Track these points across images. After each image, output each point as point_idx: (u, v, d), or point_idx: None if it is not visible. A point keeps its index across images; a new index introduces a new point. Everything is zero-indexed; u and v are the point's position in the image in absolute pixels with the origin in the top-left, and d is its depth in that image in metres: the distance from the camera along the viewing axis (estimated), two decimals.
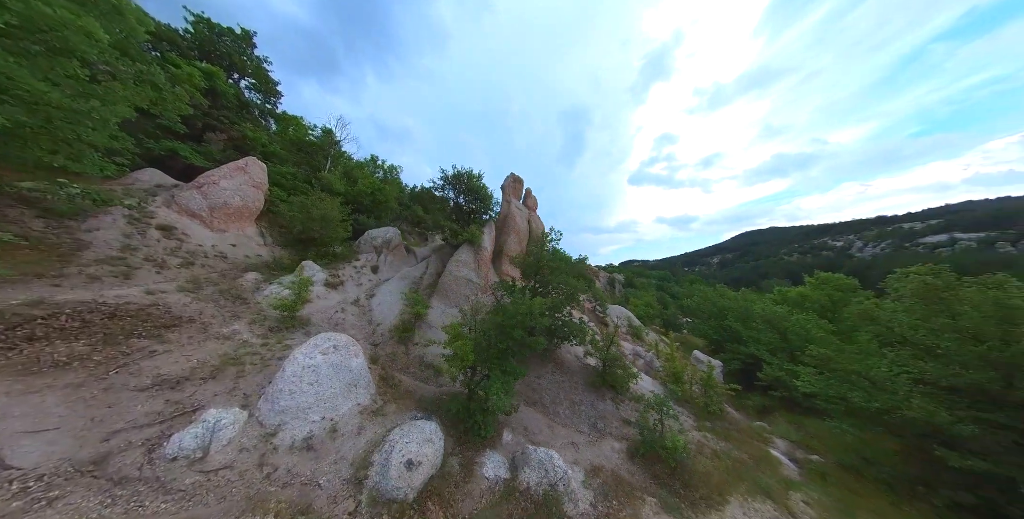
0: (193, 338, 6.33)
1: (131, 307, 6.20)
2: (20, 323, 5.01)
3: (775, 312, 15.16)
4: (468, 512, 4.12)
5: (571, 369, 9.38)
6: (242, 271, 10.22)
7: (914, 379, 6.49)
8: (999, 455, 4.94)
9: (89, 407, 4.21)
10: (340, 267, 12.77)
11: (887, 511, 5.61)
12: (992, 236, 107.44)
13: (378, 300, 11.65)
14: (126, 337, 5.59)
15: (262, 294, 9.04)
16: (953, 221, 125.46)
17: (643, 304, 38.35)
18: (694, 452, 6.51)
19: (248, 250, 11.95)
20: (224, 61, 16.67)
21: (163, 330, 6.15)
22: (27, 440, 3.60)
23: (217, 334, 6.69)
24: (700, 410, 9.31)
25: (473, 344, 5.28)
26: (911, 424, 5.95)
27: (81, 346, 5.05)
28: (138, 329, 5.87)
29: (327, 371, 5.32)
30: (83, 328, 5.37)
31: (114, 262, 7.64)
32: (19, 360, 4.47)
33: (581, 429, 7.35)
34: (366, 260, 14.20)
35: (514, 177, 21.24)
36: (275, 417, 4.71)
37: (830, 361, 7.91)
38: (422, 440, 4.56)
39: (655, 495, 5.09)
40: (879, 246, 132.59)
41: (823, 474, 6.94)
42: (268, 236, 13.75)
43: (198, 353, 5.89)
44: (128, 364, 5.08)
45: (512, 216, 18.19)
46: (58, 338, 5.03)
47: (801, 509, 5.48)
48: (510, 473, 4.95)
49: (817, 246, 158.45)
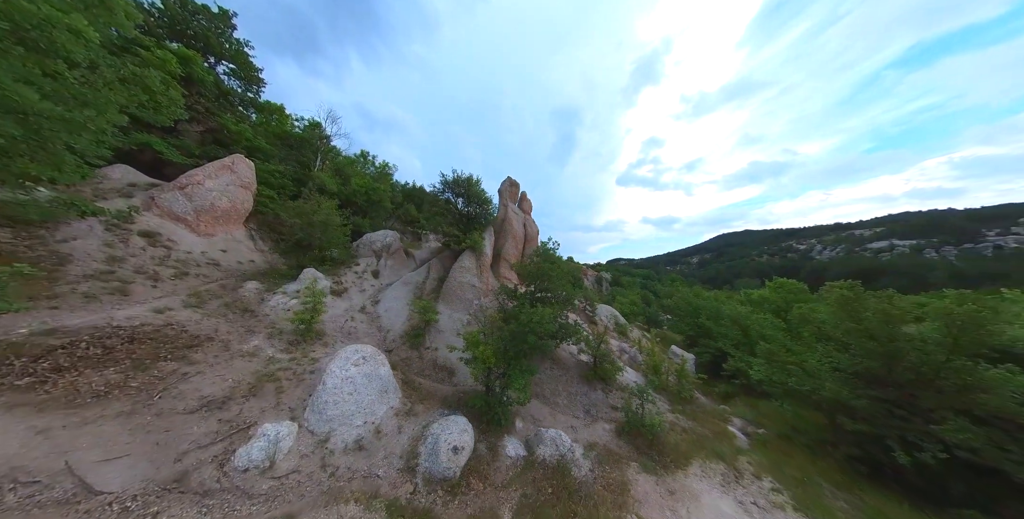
0: (219, 357, 6.50)
1: (147, 329, 6.25)
2: (41, 354, 4.96)
3: (739, 312, 17.52)
4: (501, 481, 5.42)
5: (567, 365, 10.87)
6: (240, 280, 10.03)
7: (833, 367, 8.51)
8: (877, 420, 6.92)
9: (149, 433, 4.51)
10: (342, 273, 12.80)
11: (806, 466, 7.53)
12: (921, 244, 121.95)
13: (384, 306, 12.11)
14: (153, 361, 5.67)
15: (268, 305, 9.08)
16: (893, 229, 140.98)
17: (628, 302, 40.93)
18: (667, 429, 8.20)
19: (239, 255, 11.52)
20: (199, 43, 15.03)
21: (186, 351, 6.21)
22: (106, 467, 3.91)
23: (240, 351, 6.90)
24: (674, 396, 11.13)
25: (493, 349, 6.52)
26: (827, 401, 7.92)
27: (113, 374, 5.17)
28: (162, 352, 5.92)
29: (362, 381, 6.14)
30: (107, 355, 5.43)
31: (105, 277, 7.20)
32: (58, 393, 4.63)
33: (577, 415, 8.86)
34: (366, 265, 14.32)
35: (511, 181, 22.27)
36: (324, 425, 5.42)
37: (773, 354, 9.92)
38: (459, 431, 5.73)
39: (637, 461, 6.68)
40: (836, 250, 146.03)
41: (765, 442, 8.88)
42: (259, 239, 13.19)
43: (230, 372, 6.19)
44: (168, 389, 5.33)
45: (510, 220, 19.29)
46: (86, 367, 5.07)
47: (744, 467, 7.26)
48: (527, 451, 6.32)
49: (784, 248, 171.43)
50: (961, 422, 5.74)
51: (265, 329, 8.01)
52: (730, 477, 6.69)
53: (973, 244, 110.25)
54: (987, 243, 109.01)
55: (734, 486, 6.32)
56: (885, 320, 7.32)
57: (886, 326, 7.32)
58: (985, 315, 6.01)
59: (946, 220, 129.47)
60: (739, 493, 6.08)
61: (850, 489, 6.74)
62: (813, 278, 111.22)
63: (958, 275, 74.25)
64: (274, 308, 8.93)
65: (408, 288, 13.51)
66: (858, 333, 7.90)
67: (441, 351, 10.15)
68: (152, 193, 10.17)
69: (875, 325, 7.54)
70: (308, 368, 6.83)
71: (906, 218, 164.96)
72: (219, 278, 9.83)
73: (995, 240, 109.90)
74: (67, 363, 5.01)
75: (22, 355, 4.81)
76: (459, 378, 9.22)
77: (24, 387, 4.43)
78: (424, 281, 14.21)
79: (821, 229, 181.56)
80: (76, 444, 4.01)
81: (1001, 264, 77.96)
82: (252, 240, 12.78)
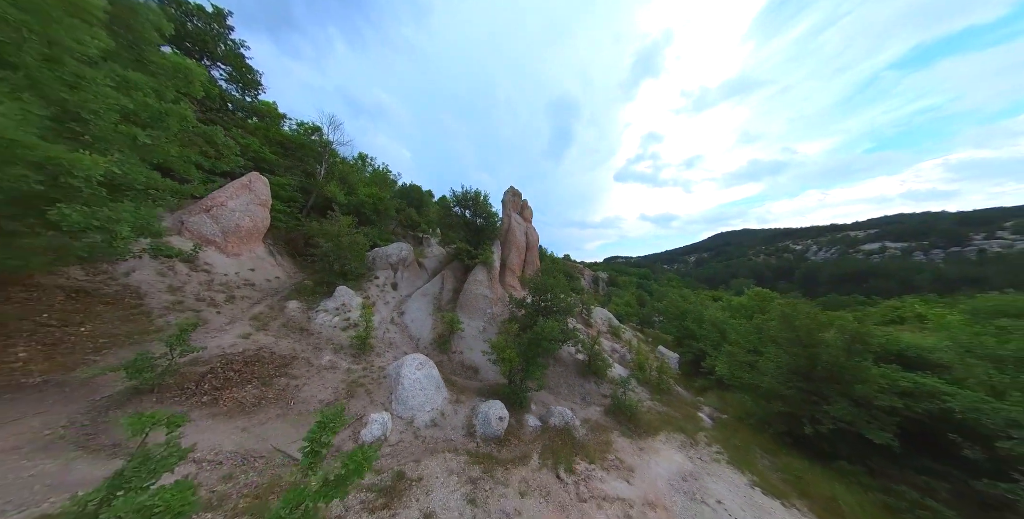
0: (309, 371, 7.98)
1: (249, 354, 7.72)
2: (199, 379, 6.51)
3: (719, 317, 20.23)
4: (528, 439, 7.94)
5: (567, 362, 13.41)
6: (280, 299, 11.08)
7: (777, 365, 11.13)
8: (798, 405, 9.57)
9: (303, 425, 6.15)
10: (365, 287, 13.86)
11: (748, 438, 10.19)
12: (911, 246, 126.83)
13: (409, 317, 13.82)
14: (270, 378, 7.28)
15: (316, 323, 10.38)
16: (886, 231, 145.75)
17: (623, 303, 43.84)
18: (644, 411, 10.80)
19: (266, 273, 12.33)
20: (195, 47, 14.65)
21: (284, 368, 7.68)
22: (293, 446, 5.59)
23: (321, 366, 8.37)
24: (655, 388, 13.77)
25: (517, 352, 9.01)
26: (767, 391, 10.57)
27: (253, 390, 6.91)
28: (270, 371, 7.44)
29: (424, 380, 8.48)
30: (240, 377, 7.01)
31: (179, 307, 8.39)
32: (232, 406, 6.43)
33: (575, 401, 11.43)
34: (385, 278, 15.33)
35: (513, 191, 24.44)
36: (408, 412, 7.72)
37: (733, 355, 12.57)
38: (499, 409, 8.17)
39: (618, 430, 9.28)
40: (830, 251, 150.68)
41: (724, 424, 11.56)
42: (276, 254, 13.81)
43: (326, 382, 7.88)
44: (294, 396, 7.08)
45: (513, 231, 21.49)
46: (232, 386, 6.68)
47: (700, 439, 9.89)
48: (542, 422, 8.85)
49: (780, 249, 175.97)
50: (844, 404, 8.39)
51: (327, 345, 9.55)
52: (687, 444, 9.31)
53: (960, 248, 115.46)
54: (973, 247, 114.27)
55: (688, 448, 8.94)
56: (809, 330, 9.94)
57: (810, 334, 9.94)
58: (867, 330, 8.63)
59: (937, 223, 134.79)
60: (690, 452, 8.69)
61: (776, 453, 9.42)
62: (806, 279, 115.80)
63: (941, 278, 78.54)
64: (322, 325, 10.30)
65: (427, 299, 15.13)
66: (792, 339, 10.53)
67: (466, 354, 12.52)
68: (181, 217, 10.79)
69: (803, 333, 10.17)
70: (379, 375, 8.87)
71: (900, 220, 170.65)
72: (259, 298, 10.79)
73: (981, 244, 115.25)
74: (219, 384, 6.69)
75: (191, 381, 6.48)
76: (483, 375, 11.65)
77: (208, 403, 6.33)
78: (440, 292, 16.09)
79: (817, 230, 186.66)
80: (268, 435, 5.83)
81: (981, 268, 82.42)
82: (272, 255, 13.49)
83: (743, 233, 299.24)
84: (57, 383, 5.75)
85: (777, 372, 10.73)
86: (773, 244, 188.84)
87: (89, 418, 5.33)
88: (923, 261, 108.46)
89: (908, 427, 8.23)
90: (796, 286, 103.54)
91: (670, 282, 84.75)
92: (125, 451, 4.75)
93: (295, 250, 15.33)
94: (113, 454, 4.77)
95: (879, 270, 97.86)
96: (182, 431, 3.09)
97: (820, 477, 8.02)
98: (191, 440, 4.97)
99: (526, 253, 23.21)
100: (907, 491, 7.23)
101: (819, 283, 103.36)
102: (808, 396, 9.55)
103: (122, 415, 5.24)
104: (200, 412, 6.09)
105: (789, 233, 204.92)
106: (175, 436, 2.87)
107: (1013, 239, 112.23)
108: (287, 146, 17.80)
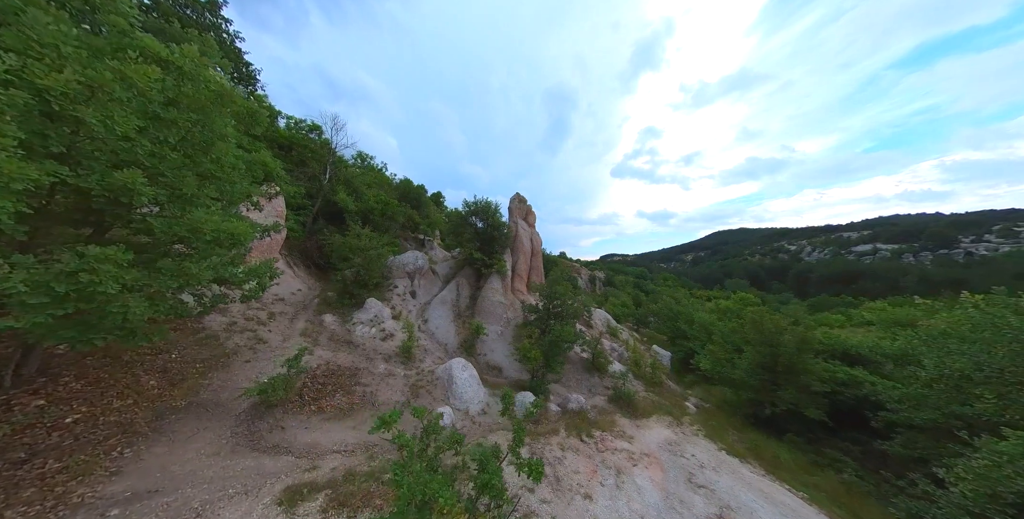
0: (375, 379, 9.51)
1: (322, 370, 9.13)
2: (300, 391, 7.98)
3: (707, 319, 23.14)
4: (554, 419, 10.52)
5: (574, 360, 16.04)
6: (314, 313, 12.15)
7: (748, 361, 13.92)
8: (762, 392, 12.37)
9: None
10: (388, 298, 14.77)
11: (723, 420, 12.99)
12: (903, 248, 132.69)
13: (433, 324, 15.37)
14: (350, 386, 8.82)
15: (357, 335, 11.56)
16: (879, 232, 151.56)
17: (620, 303, 46.73)
18: (640, 400, 13.49)
19: (289, 287, 13.06)
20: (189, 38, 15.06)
21: (355, 378, 9.15)
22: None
23: (382, 374, 9.92)
24: (648, 381, 16.52)
25: (541, 352, 11.58)
26: (739, 382, 13.37)
27: (342, 397, 8.53)
28: (345, 381, 8.90)
29: (469, 379, 10.82)
30: (326, 388, 8.51)
31: (236, 328, 9.52)
32: (334, 411, 8.01)
33: (583, 392, 14.07)
34: (404, 287, 16.35)
35: (519, 198, 26.44)
36: (463, 405, 9.82)
37: (715, 353, 15.38)
38: (530, 397, 10.62)
39: (619, 413, 11.94)
40: (824, 252, 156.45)
41: (706, 410, 14.36)
42: (294, 266, 14.37)
43: (394, 387, 9.56)
44: (374, 400, 8.73)
45: (520, 238, 23.59)
46: (325, 395, 8.22)
47: (684, 421, 12.62)
48: (560, 408, 11.44)
49: (776, 249, 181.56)
50: (792, 390, 11.21)
51: (376, 355, 10.92)
52: (674, 424, 12.03)
53: (948, 250, 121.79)
54: (960, 250, 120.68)
55: (674, 427, 11.66)
56: (771, 333, 12.73)
57: (773, 336, 12.73)
58: (810, 335, 11.45)
59: (930, 225, 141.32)
60: (675, 429, 11.41)
61: (742, 430, 12.23)
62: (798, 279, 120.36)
63: (926, 280, 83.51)
64: (363, 337, 11.59)
65: (446, 307, 16.74)
66: (761, 340, 13.33)
67: (489, 356, 14.85)
68: None
69: (768, 335, 12.96)
70: (431, 377, 10.79)
71: (894, 221, 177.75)
72: (293, 313, 11.82)
73: (968, 247, 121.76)
74: (315, 395, 8.17)
75: (296, 393, 7.97)
76: (506, 373, 14.11)
77: (316, 411, 7.88)
78: (457, 299, 17.94)
79: (812, 230, 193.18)
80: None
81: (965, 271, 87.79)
82: (290, 267, 14.04)
83: (740, 232, 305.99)
84: (199, 404, 6.96)
85: (748, 367, 13.52)
86: (769, 244, 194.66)
87: (243, 429, 6.71)
88: (912, 263, 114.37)
89: (841, 408, 11.08)
90: (789, 286, 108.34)
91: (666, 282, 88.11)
92: (283, 449, 6.48)
93: (310, 260, 16.07)
94: (278, 451, 6.39)
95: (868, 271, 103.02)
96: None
97: (771, 445, 10.85)
98: (321, 440, 6.93)
99: (532, 258, 25.40)
100: (831, 453, 10.08)
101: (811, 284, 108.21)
102: (769, 385, 12.37)
103: (264, 425, 6.79)
104: (316, 418, 7.72)
105: (785, 233, 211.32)
106: (437, 418, 4.11)
107: (999, 242, 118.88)
108: (284, 146, 17.16)
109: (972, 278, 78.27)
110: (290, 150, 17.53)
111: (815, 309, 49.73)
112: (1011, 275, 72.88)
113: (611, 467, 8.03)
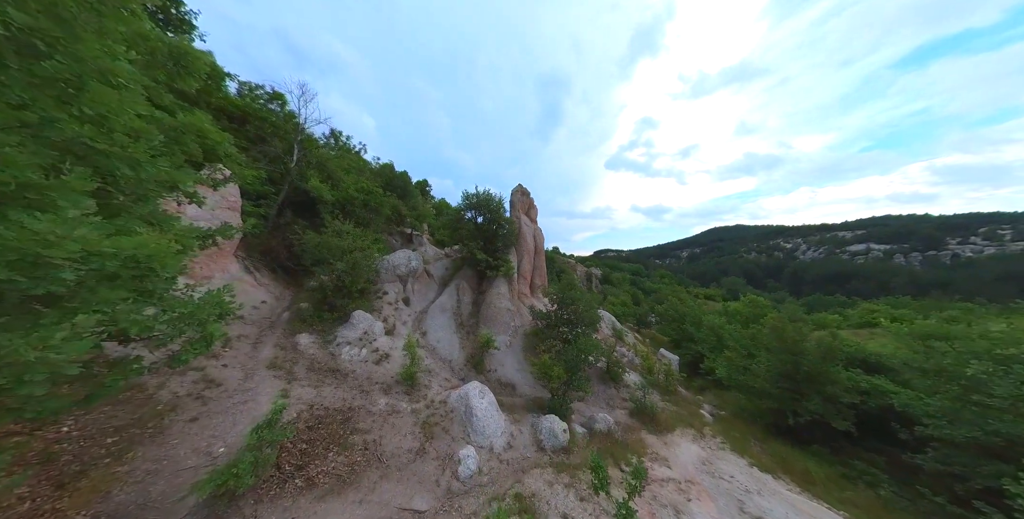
0: (376, 421, 7.86)
1: (305, 416, 7.27)
2: (276, 462, 5.94)
3: (716, 322, 23.55)
4: (583, 444, 10.03)
5: (589, 371, 15.90)
6: (284, 335, 9.89)
7: (768, 369, 14.18)
8: (784, 401, 12.62)
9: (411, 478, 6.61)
10: (376, 306, 12.77)
11: (744, 430, 13.22)
12: (893, 248, 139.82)
13: (434, 337, 13.74)
14: (344, 438, 6.98)
15: (343, 360, 9.66)
16: (872, 232, 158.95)
17: (619, 303, 47.20)
18: (660, 410, 13.56)
19: (249, 298, 10.57)
20: None
21: (348, 424, 7.40)
22: (418, 499, 6.21)
23: (381, 411, 8.22)
24: (663, 390, 16.67)
25: (564, 368, 11.28)
26: (759, 391, 13.61)
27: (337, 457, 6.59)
28: (336, 430, 7.12)
29: (489, 407, 9.63)
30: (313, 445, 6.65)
31: (190, 378, 7.17)
32: (329, 481, 6.10)
33: (602, 406, 14.01)
34: (395, 293, 14.41)
35: (522, 190, 24.80)
36: (486, 441, 8.47)
37: (732, 360, 15.62)
38: (558, 421, 10.06)
39: (644, 429, 11.94)
40: (818, 251, 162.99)
41: (722, 418, 14.60)
42: (254, 270, 11.96)
43: (401, 428, 7.89)
44: (381, 452, 7.05)
45: (524, 235, 22.32)
46: (315, 458, 6.36)
47: (706, 432, 12.78)
48: (586, 429, 11.11)
49: (772, 247, 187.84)
50: (817, 400, 11.47)
51: (372, 386, 9.16)
52: (698, 437, 12.15)
53: (936, 251, 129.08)
54: (947, 251, 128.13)
55: (699, 440, 11.78)
56: (794, 341, 12.96)
57: (795, 345, 12.96)
58: (838, 344, 11.69)
59: (919, 226, 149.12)
60: (701, 443, 11.53)
61: (766, 441, 12.48)
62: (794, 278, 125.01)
63: (915, 281, 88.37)
64: (352, 362, 9.70)
65: (446, 315, 15.09)
66: (782, 348, 13.57)
67: (500, 371, 13.87)
68: None
69: (790, 344, 13.19)
70: (444, 409, 9.18)
71: (885, 222, 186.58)
72: (256, 335, 9.55)
73: (956, 248, 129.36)
74: (299, 462, 6.23)
75: (270, 466, 5.88)
76: (520, 390, 13.36)
77: (305, 486, 5.86)
78: (458, 306, 16.05)
79: (808, 229, 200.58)
80: (385, 499, 5.97)
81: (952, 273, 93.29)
82: (249, 273, 11.57)
83: (736, 229, 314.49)
84: (111, 514, 4.49)
85: (768, 375, 13.78)
86: (765, 241, 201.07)
87: None
88: (902, 264, 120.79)
89: (864, 418, 11.42)
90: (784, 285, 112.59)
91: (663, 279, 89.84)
92: None
93: (276, 263, 13.25)
94: None
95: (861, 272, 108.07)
96: None
97: (798, 457, 11.11)
98: None
99: (534, 258, 24.48)
100: (859, 464, 10.41)
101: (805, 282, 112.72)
102: (791, 394, 12.64)
103: None
104: (305, 499, 5.60)
105: (780, 231, 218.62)
106: None
107: (984, 245, 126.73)
108: (237, 118, 14.33)
109: (958, 280, 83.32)
110: (244, 122, 14.63)
111: (811, 309, 51.86)
112: (993, 277, 77.99)
113: (666, 504, 7.68)
